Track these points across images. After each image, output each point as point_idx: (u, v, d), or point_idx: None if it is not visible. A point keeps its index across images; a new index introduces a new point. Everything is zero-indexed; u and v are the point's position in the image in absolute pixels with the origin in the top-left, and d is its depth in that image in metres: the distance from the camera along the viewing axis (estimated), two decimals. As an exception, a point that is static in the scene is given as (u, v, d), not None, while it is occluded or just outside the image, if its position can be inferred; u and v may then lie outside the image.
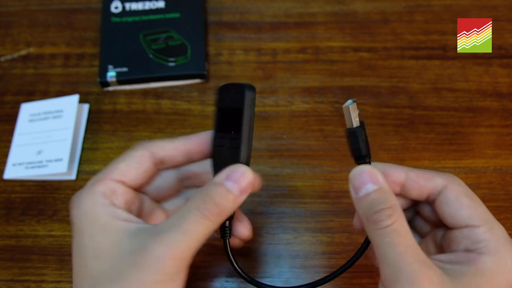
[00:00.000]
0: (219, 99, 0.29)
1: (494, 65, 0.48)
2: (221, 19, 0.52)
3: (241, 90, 0.27)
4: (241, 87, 0.27)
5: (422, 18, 0.51)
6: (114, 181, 0.28)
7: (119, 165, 0.28)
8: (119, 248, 0.24)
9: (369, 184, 0.25)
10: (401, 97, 0.47)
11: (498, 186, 0.43)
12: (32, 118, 0.47)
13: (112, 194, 0.27)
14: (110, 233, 0.25)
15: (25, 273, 0.41)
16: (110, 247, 0.25)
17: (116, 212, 0.26)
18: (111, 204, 0.27)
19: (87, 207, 0.26)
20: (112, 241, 0.25)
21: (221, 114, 0.29)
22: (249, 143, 0.27)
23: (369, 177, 0.26)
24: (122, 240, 0.25)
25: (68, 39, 0.51)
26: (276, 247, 0.41)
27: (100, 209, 0.26)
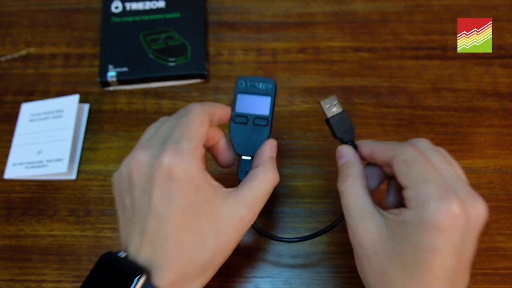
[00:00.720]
0: (243, 87, 0.35)
1: (494, 65, 0.48)
2: (221, 19, 0.52)
3: (271, 82, 0.35)
4: (271, 81, 0.35)
5: (422, 18, 0.51)
6: (201, 146, 0.31)
7: (199, 130, 0.31)
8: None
9: (340, 159, 0.34)
10: (401, 97, 0.47)
11: (498, 186, 0.43)
12: (32, 118, 0.47)
13: (203, 159, 0.31)
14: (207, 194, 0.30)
15: (25, 273, 0.41)
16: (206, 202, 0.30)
17: (209, 179, 0.31)
18: (204, 169, 0.31)
19: (190, 172, 0.29)
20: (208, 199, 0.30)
21: (245, 99, 0.35)
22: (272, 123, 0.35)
23: (340, 154, 0.34)
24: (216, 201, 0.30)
25: (68, 39, 0.51)
26: (276, 247, 0.41)
27: (200, 175, 0.30)
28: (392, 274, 0.28)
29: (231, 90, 0.48)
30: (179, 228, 0.29)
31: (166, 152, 0.29)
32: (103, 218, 0.43)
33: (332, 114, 0.35)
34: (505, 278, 0.39)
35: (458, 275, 0.28)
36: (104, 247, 0.41)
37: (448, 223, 0.27)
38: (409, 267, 0.28)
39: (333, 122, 0.35)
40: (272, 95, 0.35)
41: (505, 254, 0.40)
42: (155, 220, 0.29)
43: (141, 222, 0.29)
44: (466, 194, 0.28)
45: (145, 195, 0.29)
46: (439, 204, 0.27)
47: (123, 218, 0.31)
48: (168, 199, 0.28)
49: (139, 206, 0.29)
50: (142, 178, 0.29)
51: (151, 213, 0.29)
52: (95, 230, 0.42)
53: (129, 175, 0.30)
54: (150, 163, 0.29)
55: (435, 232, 0.27)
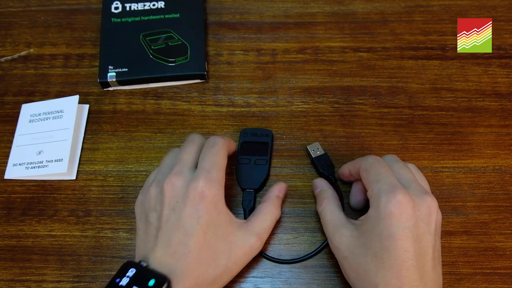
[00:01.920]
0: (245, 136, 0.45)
1: (493, 65, 0.49)
2: (220, 20, 0.52)
3: (269, 132, 0.45)
4: (269, 131, 0.45)
5: (421, 19, 0.51)
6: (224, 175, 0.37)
7: (224, 162, 0.37)
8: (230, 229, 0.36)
9: (315, 189, 0.41)
10: (400, 97, 0.47)
11: (497, 186, 0.43)
12: (32, 119, 0.47)
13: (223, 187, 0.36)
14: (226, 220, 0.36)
15: (26, 273, 0.41)
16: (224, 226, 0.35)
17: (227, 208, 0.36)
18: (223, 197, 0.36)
19: (216, 196, 0.35)
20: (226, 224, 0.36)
21: (248, 144, 0.44)
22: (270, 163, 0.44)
23: (315, 185, 0.42)
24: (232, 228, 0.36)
25: (68, 40, 0.52)
26: (276, 247, 0.41)
27: (223, 201, 0.36)
28: (366, 266, 0.33)
29: (231, 90, 0.48)
30: (200, 243, 0.33)
31: (200, 179, 0.34)
32: (103, 218, 0.43)
33: (316, 155, 0.43)
34: (504, 278, 0.39)
35: (423, 264, 0.32)
36: (104, 247, 0.42)
37: (397, 210, 0.32)
38: (378, 255, 0.32)
39: (317, 161, 0.43)
40: (270, 142, 0.44)
41: (504, 254, 0.40)
42: (181, 235, 0.33)
43: (167, 236, 0.34)
44: (416, 190, 0.34)
45: (174, 213, 0.34)
46: (388, 196, 0.33)
47: (145, 232, 0.36)
48: (197, 216, 0.34)
49: (166, 222, 0.34)
50: (174, 199, 0.34)
51: (179, 228, 0.33)
52: (95, 230, 0.42)
53: (161, 196, 0.35)
54: (184, 186, 0.34)
55: (389, 219, 0.32)
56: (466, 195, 0.43)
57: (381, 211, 0.33)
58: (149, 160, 0.45)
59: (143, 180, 0.44)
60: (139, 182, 0.44)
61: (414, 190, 0.34)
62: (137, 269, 0.32)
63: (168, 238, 0.33)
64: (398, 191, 0.33)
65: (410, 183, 0.35)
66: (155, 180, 0.37)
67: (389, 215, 0.32)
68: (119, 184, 0.44)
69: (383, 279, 0.32)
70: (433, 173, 0.44)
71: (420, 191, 0.34)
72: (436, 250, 0.33)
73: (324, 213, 0.38)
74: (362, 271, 0.33)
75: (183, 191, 0.34)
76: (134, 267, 0.33)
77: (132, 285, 0.32)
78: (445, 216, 0.42)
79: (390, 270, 0.32)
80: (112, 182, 0.44)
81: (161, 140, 0.46)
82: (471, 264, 0.40)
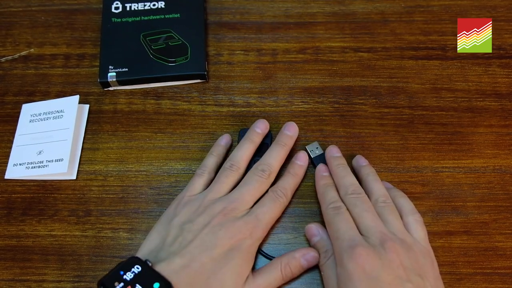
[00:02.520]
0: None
1: (493, 65, 0.49)
2: (221, 19, 0.52)
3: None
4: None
5: (422, 19, 0.51)
6: None
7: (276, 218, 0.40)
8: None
9: (313, 237, 0.40)
10: (400, 97, 0.47)
11: (497, 186, 0.43)
12: (32, 119, 0.47)
13: None
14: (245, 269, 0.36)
15: (26, 273, 0.41)
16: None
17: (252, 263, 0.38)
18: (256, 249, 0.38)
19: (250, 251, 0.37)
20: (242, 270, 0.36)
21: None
22: None
23: (312, 232, 0.40)
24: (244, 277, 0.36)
25: (69, 40, 0.52)
26: (276, 247, 0.41)
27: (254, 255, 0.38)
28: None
29: (231, 90, 0.48)
30: (215, 271, 0.34)
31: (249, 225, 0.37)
32: (103, 218, 0.43)
33: (315, 155, 0.43)
34: (504, 278, 0.39)
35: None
36: (104, 247, 0.42)
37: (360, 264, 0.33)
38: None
39: (316, 161, 0.43)
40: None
41: (504, 253, 0.40)
42: (206, 256, 0.34)
43: (194, 251, 0.34)
44: (375, 239, 0.35)
45: (212, 236, 0.35)
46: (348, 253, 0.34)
47: (168, 235, 0.36)
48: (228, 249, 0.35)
49: (201, 240, 0.35)
50: (219, 227, 0.36)
51: (208, 250, 0.35)
52: (95, 230, 0.42)
53: (208, 218, 0.36)
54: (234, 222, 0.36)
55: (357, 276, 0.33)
56: (466, 195, 0.43)
57: (345, 267, 0.34)
58: (149, 160, 0.45)
59: (144, 180, 0.44)
60: (139, 182, 0.44)
61: (374, 240, 0.35)
62: (142, 267, 0.33)
63: (192, 252, 0.34)
64: (356, 245, 0.34)
65: (369, 232, 0.35)
66: (208, 202, 0.38)
67: (354, 271, 0.33)
68: (119, 184, 0.44)
69: None
70: (433, 173, 0.44)
71: (379, 236, 0.35)
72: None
73: (327, 268, 0.37)
74: None
75: (230, 225, 0.36)
76: (140, 265, 0.33)
77: (135, 282, 0.32)
78: (445, 216, 0.42)
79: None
80: (112, 182, 0.44)
81: (161, 140, 0.46)
82: (471, 264, 0.40)
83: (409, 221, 0.37)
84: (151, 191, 0.44)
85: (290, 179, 0.41)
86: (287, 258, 0.38)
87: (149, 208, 0.43)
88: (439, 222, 0.41)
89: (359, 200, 0.38)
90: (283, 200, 0.39)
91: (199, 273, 0.34)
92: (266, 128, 0.43)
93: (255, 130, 0.42)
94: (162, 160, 0.45)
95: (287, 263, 0.38)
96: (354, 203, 0.38)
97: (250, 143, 0.41)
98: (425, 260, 0.35)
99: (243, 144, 0.42)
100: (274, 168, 0.40)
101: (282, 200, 0.39)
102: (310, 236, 0.40)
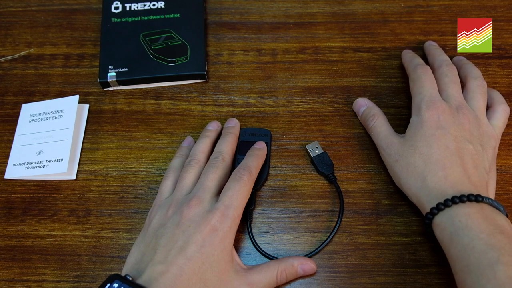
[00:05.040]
0: (244, 135, 0.45)
1: (493, 65, 0.49)
2: (220, 19, 0.52)
3: (268, 132, 0.45)
4: (268, 131, 0.45)
5: (422, 19, 0.51)
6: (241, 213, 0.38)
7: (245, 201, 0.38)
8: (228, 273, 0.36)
9: (360, 107, 0.45)
10: (400, 97, 0.47)
11: (497, 186, 0.43)
12: (32, 119, 0.47)
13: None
14: (227, 257, 0.36)
15: (26, 273, 0.41)
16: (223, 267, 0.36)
17: (233, 249, 0.38)
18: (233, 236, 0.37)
19: (226, 232, 0.36)
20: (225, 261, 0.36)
21: (246, 144, 0.43)
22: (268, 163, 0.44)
23: (359, 103, 0.45)
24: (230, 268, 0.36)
25: (68, 40, 0.52)
26: (276, 247, 0.41)
27: (231, 239, 0.36)
28: (415, 163, 0.38)
29: (231, 90, 0.48)
30: (194, 271, 0.34)
31: (216, 214, 0.36)
32: (103, 218, 0.43)
33: (315, 154, 0.44)
34: (504, 278, 0.39)
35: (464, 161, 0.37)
36: (104, 247, 0.42)
37: (435, 114, 0.39)
38: (424, 152, 0.38)
39: (316, 160, 0.43)
40: (269, 141, 0.44)
41: (504, 253, 0.40)
42: (182, 257, 0.34)
43: (169, 255, 0.34)
44: (455, 103, 0.40)
45: (184, 235, 0.35)
46: (427, 104, 0.39)
47: (148, 245, 0.36)
48: (201, 245, 0.34)
49: (174, 242, 0.35)
50: (188, 223, 0.35)
51: (182, 251, 0.34)
52: (95, 230, 0.42)
53: (177, 216, 0.36)
54: (201, 215, 0.36)
55: (429, 122, 0.39)
56: (466, 195, 0.43)
57: (421, 115, 0.39)
58: (149, 160, 0.45)
59: (143, 180, 0.44)
60: (139, 182, 0.44)
61: (453, 103, 0.40)
62: (121, 283, 0.32)
63: (168, 256, 0.34)
64: (436, 100, 0.39)
65: (450, 98, 0.40)
66: (175, 200, 0.38)
67: (428, 118, 0.39)
68: (119, 184, 0.44)
69: (430, 172, 0.37)
70: (433, 173, 0.44)
71: (457, 103, 0.40)
72: (475, 155, 0.38)
73: (375, 127, 0.42)
74: (411, 169, 0.38)
75: (198, 219, 0.35)
76: (119, 280, 0.32)
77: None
78: (445, 216, 0.42)
79: (436, 163, 0.37)
80: (112, 182, 0.44)
81: (161, 140, 0.46)
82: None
83: (495, 110, 0.42)
84: (151, 191, 0.44)
85: (250, 158, 0.41)
86: (285, 264, 0.38)
87: (149, 208, 0.43)
88: (439, 222, 0.41)
89: (451, 72, 0.42)
90: (246, 178, 0.38)
91: (179, 276, 0.33)
92: (218, 126, 0.45)
93: (207, 128, 0.45)
94: (162, 160, 0.45)
95: (284, 269, 0.38)
96: (446, 74, 0.42)
97: (205, 138, 0.43)
98: (489, 141, 0.40)
99: (198, 141, 0.43)
100: (224, 153, 0.41)
101: (244, 177, 0.38)
102: (359, 108, 0.45)
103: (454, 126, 0.38)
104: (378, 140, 0.42)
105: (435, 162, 0.37)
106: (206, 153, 0.42)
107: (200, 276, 0.34)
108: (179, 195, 0.38)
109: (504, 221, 0.34)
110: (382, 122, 0.42)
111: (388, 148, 0.41)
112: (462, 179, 0.36)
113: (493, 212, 0.34)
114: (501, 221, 0.34)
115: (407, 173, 0.38)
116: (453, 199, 0.34)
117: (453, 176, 0.36)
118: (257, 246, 0.41)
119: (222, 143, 0.42)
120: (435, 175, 0.37)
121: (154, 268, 0.33)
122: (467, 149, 0.38)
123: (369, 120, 0.43)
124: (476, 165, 0.37)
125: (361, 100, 0.45)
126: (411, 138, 0.39)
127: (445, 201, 0.35)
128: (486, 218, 0.33)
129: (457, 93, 0.41)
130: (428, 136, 0.38)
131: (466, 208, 0.34)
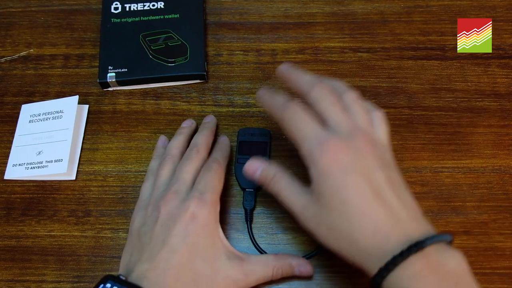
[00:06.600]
0: (243, 135, 0.45)
1: (492, 66, 0.49)
2: (220, 20, 0.52)
3: (268, 132, 0.45)
4: (267, 131, 0.45)
5: (421, 19, 0.51)
6: (219, 198, 0.38)
7: (220, 185, 0.38)
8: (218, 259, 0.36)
9: (255, 173, 0.37)
10: (400, 97, 0.47)
11: (496, 186, 0.43)
12: (32, 119, 0.47)
13: (218, 211, 0.37)
14: (215, 243, 0.36)
15: (25, 273, 0.41)
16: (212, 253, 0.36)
17: (221, 234, 0.37)
18: (218, 221, 0.37)
19: (207, 218, 0.35)
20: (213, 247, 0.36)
21: (246, 144, 0.44)
22: None
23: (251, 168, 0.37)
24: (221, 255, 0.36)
25: (68, 40, 0.52)
26: (276, 247, 0.41)
27: (214, 223, 0.36)
28: (338, 226, 0.32)
29: (231, 90, 0.48)
30: (183, 262, 0.33)
31: (193, 200, 0.35)
32: (103, 219, 0.43)
33: None
34: (504, 278, 0.39)
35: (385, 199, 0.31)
36: (104, 247, 0.42)
37: (333, 158, 0.32)
38: (341, 210, 0.31)
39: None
40: (269, 141, 0.44)
41: (503, 253, 0.40)
42: (166, 251, 0.33)
43: (153, 251, 0.34)
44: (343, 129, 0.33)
45: (164, 229, 0.35)
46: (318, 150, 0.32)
47: (133, 246, 0.36)
48: (184, 235, 0.34)
49: (156, 238, 0.34)
50: (167, 216, 0.35)
51: (164, 245, 0.34)
52: (94, 231, 0.42)
53: (156, 213, 0.36)
54: (178, 206, 0.35)
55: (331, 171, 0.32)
56: (466, 195, 0.43)
57: (318, 165, 0.32)
58: (148, 160, 0.45)
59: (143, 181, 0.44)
60: (139, 182, 0.44)
61: (341, 131, 0.33)
62: (114, 282, 0.32)
63: (155, 253, 0.34)
64: (324, 140, 0.32)
65: (338, 127, 0.33)
66: (153, 198, 0.38)
67: (327, 166, 0.32)
68: (119, 185, 0.44)
69: (357, 231, 0.31)
70: (433, 173, 0.44)
71: (347, 129, 0.33)
72: (389, 179, 0.32)
73: (279, 191, 0.35)
74: (337, 234, 0.32)
75: (176, 211, 0.35)
76: (112, 280, 0.32)
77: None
78: (444, 216, 0.42)
79: (357, 217, 0.31)
80: (111, 182, 0.44)
81: (161, 140, 0.46)
82: (471, 264, 0.39)
83: (373, 117, 0.36)
84: (150, 192, 0.44)
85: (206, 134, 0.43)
86: (283, 262, 0.38)
87: (149, 208, 0.43)
88: (438, 222, 0.41)
89: (324, 91, 0.35)
90: (216, 165, 0.39)
91: (167, 270, 0.33)
92: (192, 123, 0.46)
93: (182, 126, 0.45)
94: (162, 160, 0.45)
95: (281, 266, 0.38)
96: (320, 97, 0.35)
97: (179, 135, 0.43)
98: (386, 152, 0.35)
99: (172, 138, 0.43)
100: (200, 145, 0.41)
101: (214, 165, 0.39)
102: (252, 173, 0.37)
103: (357, 159, 0.32)
104: (288, 204, 0.35)
105: (356, 215, 0.31)
106: (181, 149, 0.42)
107: (189, 267, 0.34)
108: (156, 193, 0.38)
109: (454, 261, 0.30)
110: (287, 182, 0.35)
111: (303, 214, 0.34)
112: (391, 223, 0.31)
113: (440, 254, 0.29)
114: (450, 264, 0.29)
115: (335, 239, 0.32)
116: (394, 261, 0.29)
117: (380, 225, 0.30)
118: (257, 246, 0.41)
119: (197, 136, 0.42)
120: (363, 234, 0.31)
121: (141, 266, 0.33)
122: (380, 179, 0.32)
123: (271, 184, 0.36)
124: (396, 189, 0.32)
125: (250, 163, 0.37)
126: (321, 195, 0.32)
127: (386, 265, 0.29)
128: (434, 271, 0.29)
129: (342, 114, 0.34)
130: (337, 189, 0.31)
131: (409, 266, 0.29)
